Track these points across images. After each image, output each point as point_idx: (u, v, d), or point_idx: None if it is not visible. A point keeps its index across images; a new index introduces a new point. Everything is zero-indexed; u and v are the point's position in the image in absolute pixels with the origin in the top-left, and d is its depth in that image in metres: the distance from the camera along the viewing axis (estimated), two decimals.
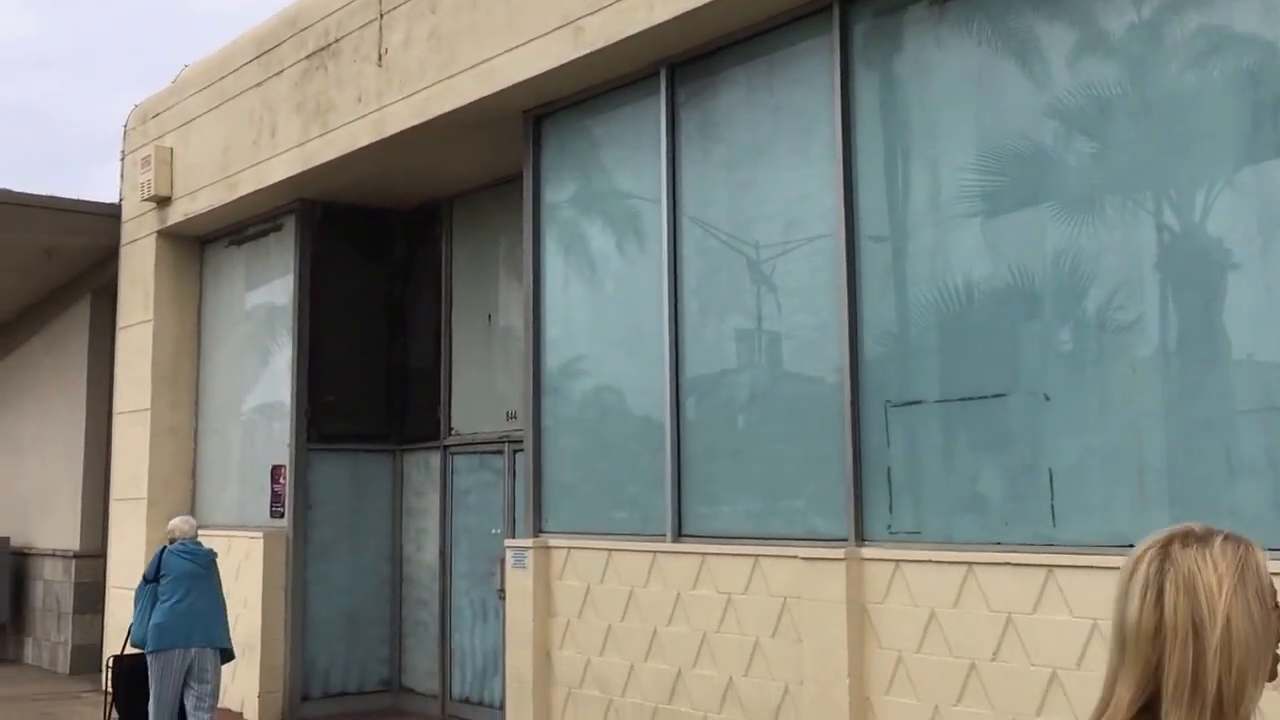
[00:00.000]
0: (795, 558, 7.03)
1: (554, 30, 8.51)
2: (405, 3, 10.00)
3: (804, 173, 7.52)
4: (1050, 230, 6.29)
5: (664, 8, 7.72)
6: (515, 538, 9.59)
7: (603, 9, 8.13)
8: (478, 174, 11.17)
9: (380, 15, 10.27)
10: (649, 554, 8.04)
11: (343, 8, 10.77)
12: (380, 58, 10.23)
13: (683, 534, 7.96)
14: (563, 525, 8.93)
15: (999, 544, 6.24)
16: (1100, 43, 6.21)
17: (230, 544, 11.92)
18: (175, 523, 9.42)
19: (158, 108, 13.68)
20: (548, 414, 9.18)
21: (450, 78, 9.43)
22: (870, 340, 7.02)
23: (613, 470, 8.69)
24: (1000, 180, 6.55)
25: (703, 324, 8.10)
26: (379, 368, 12.42)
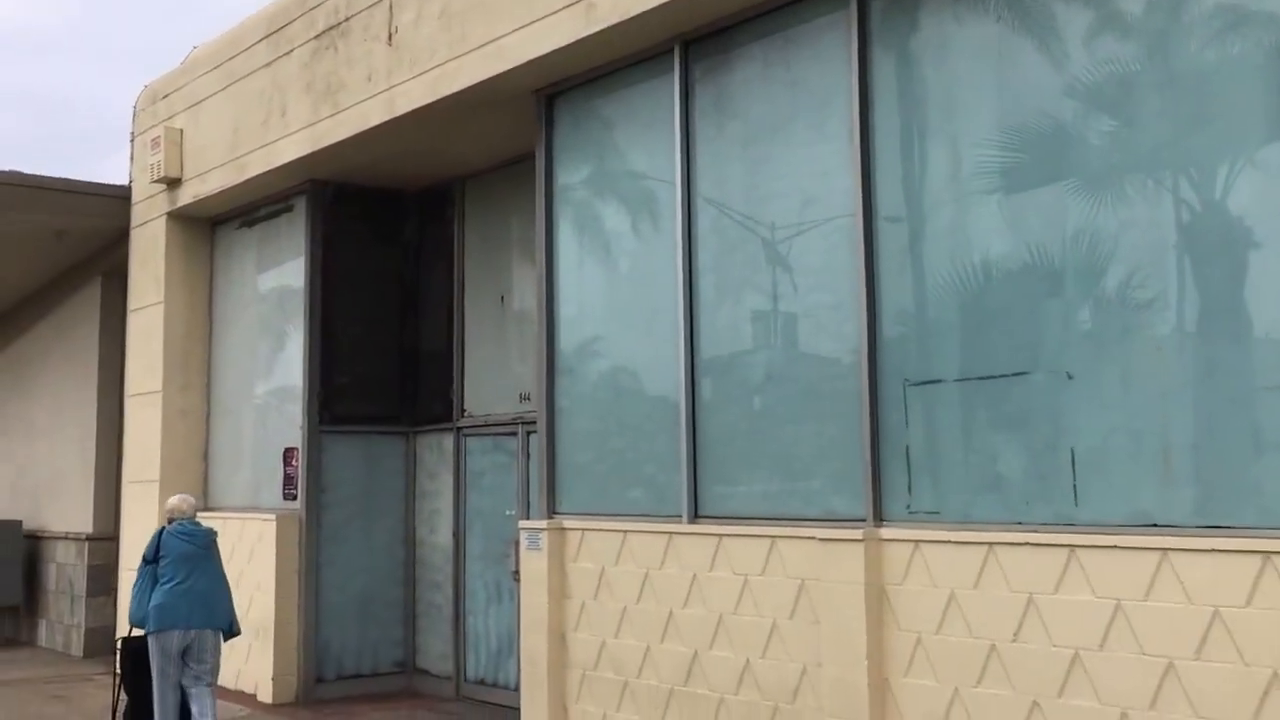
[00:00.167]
0: (813, 539, 6.98)
1: (566, 7, 8.44)
2: None
3: (820, 149, 7.45)
4: (1070, 208, 6.22)
5: None
6: (529, 519, 9.56)
7: None
8: (490, 154, 11.11)
9: None
10: (665, 535, 8.00)
11: None
12: (390, 36, 10.16)
13: (699, 515, 7.91)
14: (577, 507, 8.90)
15: (1020, 524, 6.19)
16: (1120, 19, 6.13)
17: (243, 527, 11.92)
18: (174, 501, 9.39)
19: (167, 88, 13.63)
20: (562, 395, 9.14)
21: (461, 56, 9.36)
22: (888, 319, 6.96)
23: (628, 451, 8.65)
24: (1019, 157, 6.48)
25: (718, 304, 8.04)
26: (391, 349, 12.38)
